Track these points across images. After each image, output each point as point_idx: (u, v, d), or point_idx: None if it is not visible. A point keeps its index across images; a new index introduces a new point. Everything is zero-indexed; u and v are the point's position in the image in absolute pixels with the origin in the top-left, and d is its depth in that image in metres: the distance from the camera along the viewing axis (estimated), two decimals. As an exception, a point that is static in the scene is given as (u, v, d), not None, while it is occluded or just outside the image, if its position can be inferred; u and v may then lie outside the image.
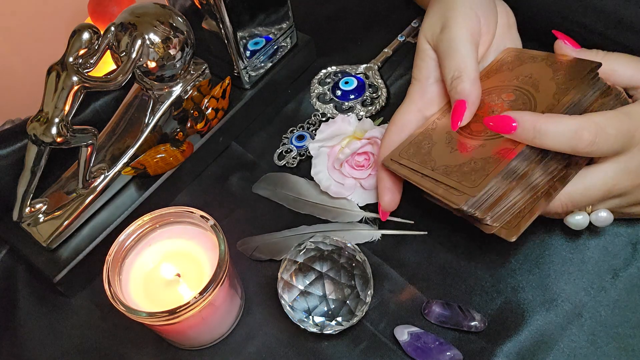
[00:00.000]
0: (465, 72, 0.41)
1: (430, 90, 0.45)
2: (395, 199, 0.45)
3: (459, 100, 0.41)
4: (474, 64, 0.42)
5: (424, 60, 0.46)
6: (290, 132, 0.56)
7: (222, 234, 0.41)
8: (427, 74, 0.45)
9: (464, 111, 0.41)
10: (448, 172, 0.39)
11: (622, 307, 0.42)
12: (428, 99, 0.45)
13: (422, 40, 0.46)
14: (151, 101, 0.50)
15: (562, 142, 0.36)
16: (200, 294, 0.39)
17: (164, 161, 0.50)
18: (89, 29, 0.43)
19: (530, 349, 0.41)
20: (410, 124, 0.45)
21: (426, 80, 0.45)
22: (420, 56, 0.46)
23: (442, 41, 0.43)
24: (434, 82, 0.45)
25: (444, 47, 0.43)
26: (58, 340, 0.47)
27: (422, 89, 0.46)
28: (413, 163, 0.42)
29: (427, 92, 0.45)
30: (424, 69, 0.46)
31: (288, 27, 0.56)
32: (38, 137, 0.43)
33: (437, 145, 0.42)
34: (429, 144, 0.43)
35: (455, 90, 0.42)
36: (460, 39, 0.42)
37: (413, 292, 0.45)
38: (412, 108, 0.46)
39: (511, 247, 0.45)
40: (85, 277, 0.48)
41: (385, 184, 0.45)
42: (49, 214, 0.48)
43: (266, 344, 0.44)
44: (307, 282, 0.40)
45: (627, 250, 0.44)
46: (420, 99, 0.46)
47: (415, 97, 0.46)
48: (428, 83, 0.45)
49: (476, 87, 0.41)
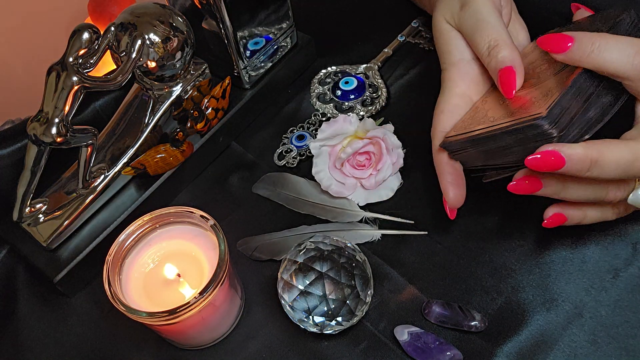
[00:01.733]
0: (501, 39, 0.40)
1: (469, 70, 0.43)
2: (461, 193, 0.42)
3: (504, 67, 0.39)
4: (506, 31, 0.41)
5: (450, 42, 0.44)
6: (290, 132, 0.56)
7: (222, 234, 0.41)
8: (459, 55, 0.44)
9: (514, 76, 0.39)
10: (512, 113, 0.37)
11: (622, 307, 0.42)
12: (470, 79, 0.43)
13: (441, 23, 0.44)
14: (151, 101, 0.50)
15: (621, 58, 0.34)
16: (200, 294, 0.39)
17: (164, 161, 0.50)
18: (89, 29, 0.43)
19: (530, 349, 0.41)
20: (459, 109, 0.43)
21: (461, 61, 0.43)
22: (444, 39, 0.44)
23: (466, 17, 0.42)
24: (470, 61, 0.43)
25: (470, 23, 0.42)
26: (58, 340, 0.47)
27: (461, 71, 0.43)
28: (471, 127, 0.39)
29: (468, 73, 0.43)
30: (453, 50, 0.44)
31: (288, 27, 0.55)
32: (38, 137, 0.43)
33: (490, 110, 0.40)
34: (483, 112, 0.41)
35: (497, 59, 0.40)
36: (486, 11, 0.41)
37: (413, 292, 0.45)
38: (456, 92, 0.43)
39: (511, 247, 0.45)
40: (85, 277, 0.48)
41: (447, 178, 0.42)
42: (49, 214, 0.48)
43: (266, 344, 0.44)
44: (307, 282, 0.40)
45: (627, 250, 0.44)
46: (461, 81, 0.43)
47: (456, 80, 0.43)
48: (464, 63, 0.43)
49: (517, 51, 0.40)
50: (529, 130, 0.36)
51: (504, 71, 0.40)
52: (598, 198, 0.38)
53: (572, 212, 0.40)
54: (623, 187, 0.38)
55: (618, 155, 0.35)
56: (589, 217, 0.41)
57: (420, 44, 0.60)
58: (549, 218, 0.40)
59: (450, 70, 0.44)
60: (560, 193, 0.38)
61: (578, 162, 0.34)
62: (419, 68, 0.58)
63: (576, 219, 0.41)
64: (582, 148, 0.34)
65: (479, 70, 0.44)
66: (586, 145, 0.35)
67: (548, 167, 0.35)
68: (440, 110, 0.44)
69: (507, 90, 0.39)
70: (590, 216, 0.41)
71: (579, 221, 0.41)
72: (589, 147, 0.35)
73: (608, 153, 0.35)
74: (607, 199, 0.38)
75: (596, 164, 0.34)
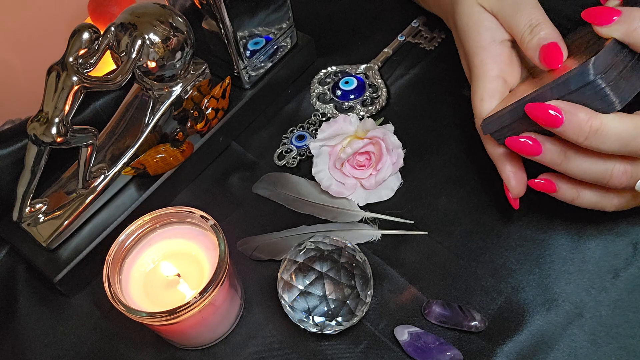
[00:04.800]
0: (543, 18, 0.40)
1: (501, 52, 0.43)
2: (522, 181, 0.41)
3: (549, 43, 0.39)
4: (544, 13, 0.41)
5: (481, 24, 0.43)
6: (290, 132, 0.56)
7: (222, 234, 0.41)
8: (490, 37, 0.43)
9: (559, 50, 0.38)
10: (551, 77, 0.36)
11: (622, 307, 0.42)
12: (503, 61, 0.43)
13: (472, 7, 0.44)
14: (151, 101, 0.50)
15: None
16: (200, 294, 0.39)
17: (164, 161, 0.50)
18: (89, 29, 0.43)
19: (530, 349, 0.41)
20: (498, 93, 0.42)
21: (492, 43, 0.43)
22: (474, 22, 0.44)
23: (504, 1, 0.42)
24: (502, 42, 0.43)
25: (508, 5, 0.41)
26: (58, 340, 0.47)
27: (492, 53, 0.43)
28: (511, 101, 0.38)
29: (500, 55, 0.43)
30: (484, 32, 0.43)
31: (288, 27, 0.55)
32: (38, 137, 0.43)
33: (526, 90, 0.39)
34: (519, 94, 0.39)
35: (539, 37, 0.39)
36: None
37: (413, 292, 0.45)
38: (491, 75, 0.42)
39: (511, 247, 0.45)
40: (85, 277, 0.48)
41: (507, 168, 0.41)
42: (49, 214, 0.48)
43: (266, 344, 0.44)
44: (307, 282, 0.40)
45: (627, 250, 0.44)
46: (495, 63, 0.43)
47: (489, 63, 0.43)
48: (495, 45, 0.43)
49: (557, 30, 0.40)
50: (575, 81, 0.34)
51: (549, 46, 0.39)
52: (600, 179, 0.37)
53: (564, 186, 0.40)
54: (630, 172, 0.37)
55: (621, 128, 0.34)
56: (583, 198, 0.40)
57: (421, 43, 0.60)
58: (539, 179, 0.40)
59: (480, 54, 0.43)
60: (562, 164, 0.37)
61: (577, 125, 0.34)
62: (419, 68, 0.58)
63: (568, 195, 0.40)
64: (586, 114, 0.34)
65: (509, 51, 0.43)
66: (591, 112, 0.34)
67: (545, 120, 0.35)
68: (479, 98, 0.43)
69: (553, 63, 0.39)
70: (584, 198, 0.40)
71: (571, 199, 0.40)
72: (594, 114, 0.34)
73: (610, 124, 0.34)
74: (611, 183, 0.37)
75: (596, 133, 0.34)
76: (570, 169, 0.38)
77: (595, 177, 0.37)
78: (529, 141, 0.38)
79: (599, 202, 0.40)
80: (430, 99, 0.55)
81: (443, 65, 0.57)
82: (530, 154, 0.38)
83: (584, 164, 0.37)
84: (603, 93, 0.34)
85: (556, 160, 0.38)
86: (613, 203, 0.40)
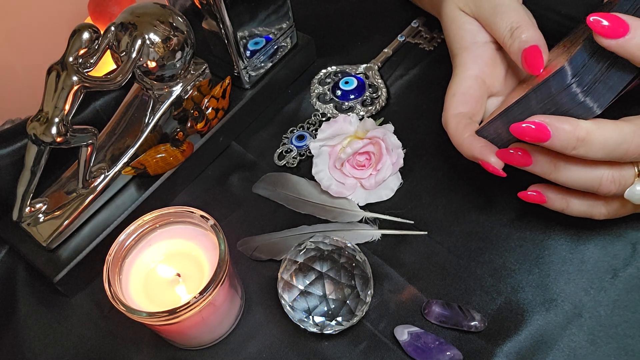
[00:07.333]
0: (523, 20, 0.40)
1: (482, 53, 0.43)
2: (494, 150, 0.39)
3: (529, 46, 0.39)
4: (525, 13, 0.41)
5: (463, 27, 0.44)
6: (290, 132, 0.56)
7: (222, 234, 0.41)
8: (471, 39, 0.43)
9: (540, 54, 0.39)
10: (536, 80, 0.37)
11: (621, 307, 0.42)
12: (484, 62, 0.43)
13: (454, 11, 0.44)
14: (151, 101, 0.50)
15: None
16: (200, 294, 0.39)
17: (164, 161, 0.50)
18: (89, 29, 0.43)
19: (530, 348, 0.41)
20: (472, 91, 0.42)
21: (473, 44, 0.43)
22: (457, 25, 0.44)
23: (484, 2, 0.42)
24: (484, 44, 0.43)
25: (488, 8, 0.42)
26: (58, 340, 0.47)
27: (473, 54, 0.43)
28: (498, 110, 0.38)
29: (480, 56, 0.43)
30: (466, 35, 0.43)
31: (288, 27, 0.56)
32: (38, 137, 0.43)
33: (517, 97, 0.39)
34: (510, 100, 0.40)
35: (520, 40, 0.39)
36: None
37: (413, 292, 0.45)
38: (468, 74, 0.43)
39: (510, 247, 0.45)
40: (85, 277, 0.48)
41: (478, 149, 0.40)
42: (49, 213, 0.48)
43: (266, 344, 0.44)
44: (307, 282, 0.40)
45: (626, 250, 0.44)
46: (474, 63, 0.43)
47: (468, 63, 0.43)
48: (477, 46, 0.43)
49: (539, 32, 0.40)
50: (553, 83, 0.34)
51: (530, 50, 0.39)
52: (590, 187, 0.37)
53: (553, 196, 0.40)
54: (618, 179, 0.37)
55: (606, 135, 0.34)
56: (573, 207, 0.40)
57: (420, 44, 0.60)
58: (528, 191, 0.40)
59: (461, 55, 0.44)
60: (552, 174, 0.38)
61: (564, 137, 0.34)
62: (419, 68, 0.58)
63: (557, 205, 0.40)
64: (571, 125, 0.34)
65: (493, 53, 0.43)
66: (575, 122, 0.34)
67: (533, 137, 0.34)
68: (452, 93, 0.43)
69: (535, 67, 0.39)
70: (574, 207, 0.40)
71: (561, 209, 0.41)
72: (578, 124, 0.34)
73: (597, 132, 0.34)
74: (601, 190, 0.37)
75: (583, 142, 0.34)
76: (560, 178, 0.38)
77: (586, 185, 0.38)
78: (519, 152, 0.38)
79: (587, 210, 0.41)
80: (430, 99, 0.55)
81: (443, 65, 0.57)
82: (521, 165, 0.38)
83: (574, 173, 0.37)
84: (578, 99, 0.34)
85: (546, 170, 0.38)
86: (601, 212, 0.40)
